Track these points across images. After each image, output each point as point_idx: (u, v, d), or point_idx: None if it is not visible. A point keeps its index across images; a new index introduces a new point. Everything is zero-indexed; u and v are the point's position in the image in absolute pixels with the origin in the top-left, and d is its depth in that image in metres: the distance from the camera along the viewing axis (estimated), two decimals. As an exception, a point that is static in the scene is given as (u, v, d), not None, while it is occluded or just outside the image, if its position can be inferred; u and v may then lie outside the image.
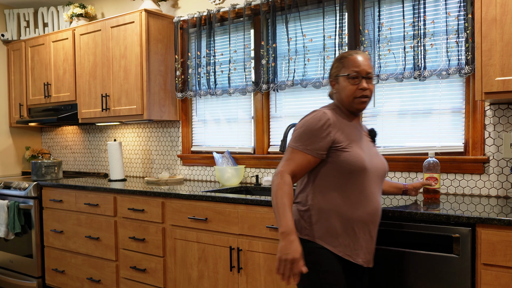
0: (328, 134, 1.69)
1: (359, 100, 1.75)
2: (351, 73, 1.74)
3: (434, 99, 2.57)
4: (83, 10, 4.03)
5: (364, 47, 2.68)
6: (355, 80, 1.74)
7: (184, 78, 3.53)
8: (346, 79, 1.76)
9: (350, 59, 1.76)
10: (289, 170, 1.69)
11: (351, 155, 1.69)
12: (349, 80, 1.75)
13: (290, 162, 1.70)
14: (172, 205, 2.80)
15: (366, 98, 1.76)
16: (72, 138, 4.54)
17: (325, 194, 1.72)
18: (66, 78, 3.94)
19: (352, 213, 1.70)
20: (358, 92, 1.74)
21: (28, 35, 4.46)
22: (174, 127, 3.72)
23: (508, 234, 1.74)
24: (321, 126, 1.69)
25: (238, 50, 3.26)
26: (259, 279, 2.43)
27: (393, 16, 2.64)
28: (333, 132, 1.69)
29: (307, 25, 2.96)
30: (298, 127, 1.75)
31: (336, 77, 1.81)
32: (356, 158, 1.69)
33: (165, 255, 2.88)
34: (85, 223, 3.33)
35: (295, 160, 1.70)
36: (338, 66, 1.80)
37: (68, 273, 3.49)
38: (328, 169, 1.71)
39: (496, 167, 2.37)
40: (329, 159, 1.71)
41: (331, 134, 1.69)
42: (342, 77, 1.77)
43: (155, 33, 3.43)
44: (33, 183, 3.66)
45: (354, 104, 1.76)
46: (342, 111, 1.80)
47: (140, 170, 3.98)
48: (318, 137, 1.69)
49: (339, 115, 1.77)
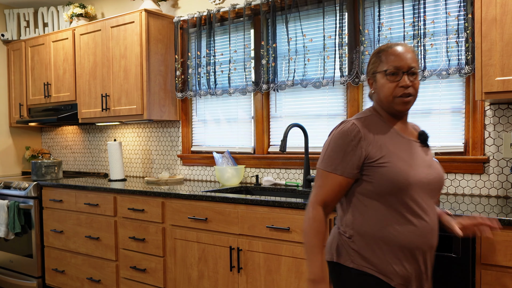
0: (358, 149, 1.45)
1: (401, 100, 1.48)
2: (389, 68, 1.48)
3: (434, 99, 2.57)
4: (83, 10, 4.03)
5: (364, 47, 2.68)
6: (394, 77, 1.48)
7: (184, 78, 3.53)
8: (384, 75, 1.50)
9: (389, 52, 1.50)
10: (320, 199, 1.50)
11: (390, 170, 1.43)
12: (388, 77, 1.49)
13: (320, 190, 1.51)
14: (172, 205, 2.80)
15: (409, 97, 1.48)
16: (72, 138, 4.54)
17: (365, 217, 1.48)
18: (66, 78, 3.94)
19: (398, 237, 1.44)
20: (398, 91, 1.47)
21: (28, 35, 4.46)
22: (174, 127, 3.72)
23: (508, 234, 1.74)
24: (349, 141, 1.46)
25: (238, 50, 3.26)
26: (259, 279, 2.43)
27: (393, 16, 2.64)
28: (364, 146, 1.46)
29: (307, 25, 2.96)
30: (325, 144, 1.54)
31: (374, 74, 1.55)
32: (396, 173, 1.43)
33: (165, 255, 2.88)
34: (85, 223, 3.33)
35: (325, 186, 1.50)
36: (375, 61, 1.55)
37: (68, 273, 3.49)
38: (365, 188, 1.48)
39: (496, 167, 2.37)
40: (364, 177, 1.47)
41: (363, 149, 1.45)
42: (380, 73, 1.51)
43: (155, 33, 3.43)
44: (33, 183, 3.66)
45: (394, 105, 1.50)
46: (381, 115, 1.55)
47: (140, 170, 3.98)
48: (347, 154, 1.46)
49: (375, 123, 1.52)
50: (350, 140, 1.46)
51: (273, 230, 2.36)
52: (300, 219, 2.26)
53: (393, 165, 1.43)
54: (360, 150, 1.45)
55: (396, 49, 1.50)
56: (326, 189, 1.50)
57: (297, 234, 2.27)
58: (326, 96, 2.96)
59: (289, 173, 3.09)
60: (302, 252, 2.26)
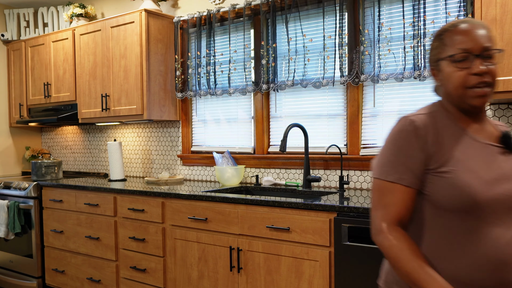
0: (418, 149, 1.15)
1: (474, 92, 1.15)
2: (457, 52, 1.16)
3: (434, 99, 2.57)
4: (83, 10, 4.03)
5: (364, 47, 2.68)
6: (464, 63, 1.15)
7: (184, 78, 3.53)
8: (451, 62, 1.18)
9: (455, 31, 1.18)
10: (392, 218, 1.15)
11: (452, 182, 1.11)
12: (456, 63, 1.16)
13: (387, 207, 1.16)
14: (172, 205, 2.80)
15: (486, 87, 1.15)
16: (72, 138, 4.54)
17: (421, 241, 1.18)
18: (66, 78, 3.94)
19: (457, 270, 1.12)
20: (471, 79, 1.15)
21: (28, 35, 4.46)
22: (174, 127, 3.72)
23: (508, 234, 1.74)
24: (408, 141, 1.16)
25: (238, 50, 3.26)
26: (259, 279, 2.43)
27: (393, 16, 2.64)
28: (426, 146, 1.15)
29: (307, 25, 2.96)
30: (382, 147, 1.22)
31: (437, 62, 1.22)
32: (460, 187, 1.10)
33: (165, 255, 2.88)
34: (85, 223, 3.33)
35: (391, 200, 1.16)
36: (438, 46, 1.22)
37: (68, 273, 3.49)
38: (421, 203, 1.18)
39: (496, 167, 2.37)
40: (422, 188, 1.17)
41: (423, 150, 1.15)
42: (445, 61, 1.19)
43: (155, 33, 3.43)
44: (33, 183, 3.66)
45: (466, 99, 1.17)
46: (449, 111, 1.23)
47: (140, 170, 3.98)
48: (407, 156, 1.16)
49: (442, 120, 1.20)
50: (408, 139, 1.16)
51: (273, 230, 2.36)
52: (300, 219, 2.26)
53: (457, 174, 1.11)
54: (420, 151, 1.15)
55: (463, 27, 1.17)
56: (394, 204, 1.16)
57: (297, 234, 2.27)
58: (326, 96, 2.96)
59: (289, 173, 3.09)
60: (302, 252, 2.26)
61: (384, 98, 2.73)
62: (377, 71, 2.63)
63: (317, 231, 2.20)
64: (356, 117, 2.81)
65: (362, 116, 2.82)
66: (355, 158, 2.78)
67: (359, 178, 2.79)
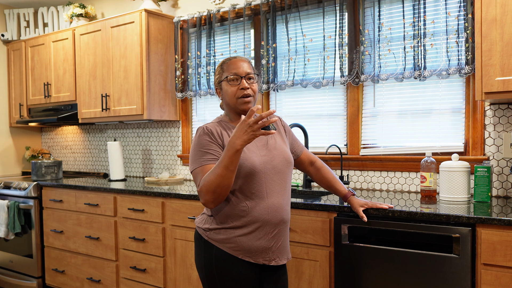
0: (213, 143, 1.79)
1: (242, 100, 1.76)
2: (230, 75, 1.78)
3: (434, 99, 2.57)
4: (83, 10, 4.03)
5: (364, 47, 2.68)
6: (235, 82, 1.77)
7: (184, 78, 3.53)
8: (227, 82, 1.79)
9: (229, 63, 1.80)
10: None
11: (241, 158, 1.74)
12: (230, 82, 1.78)
13: None
14: (172, 205, 2.80)
15: (248, 97, 1.76)
16: (72, 138, 4.54)
17: None
18: (66, 78, 3.94)
19: None
20: (239, 92, 1.76)
21: (28, 35, 4.46)
22: (174, 127, 3.72)
23: (508, 234, 1.74)
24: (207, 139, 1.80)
25: (238, 50, 3.26)
26: (259, 279, 2.42)
27: (393, 16, 2.64)
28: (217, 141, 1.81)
29: (307, 25, 2.96)
30: None
31: (219, 83, 1.83)
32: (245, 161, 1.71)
33: (165, 255, 2.88)
34: (85, 223, 3.33)
35: None
36: (219, 72, 1.84)
37: (68, 273, 3.49)
38: None
39: (496, 167, 2.37)
40: None
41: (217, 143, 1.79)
42: (224, 81, 1.80)
43: (155, 33, 3.43)
44: (33, 183, 3.66)
45: (238, 105, 1.77)
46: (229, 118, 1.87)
47: (140, 170, 3.98)
48: None
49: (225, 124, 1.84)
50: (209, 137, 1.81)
51: (273, 230, 2.36)
52: (300, 219, 2.26)
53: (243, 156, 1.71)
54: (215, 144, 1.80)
55: (233, 60, 1.80)
56: None
57: (297, 234, 2.27)
58: (326, 96, 2.96)
59: (289, 173, 3.08)
60: (302, 252, 2.26)
61: (384, 98, 2.73)
62: (377, 71, 2.63)
63: (317, 231, 2.20)
64: (356, 117, 2.81)
65: (362, 116, 2.82)
66: (355, 158, 2.78)
67: (359, 178, 2.79)
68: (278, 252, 1.77)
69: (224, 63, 1.80)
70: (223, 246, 1.71)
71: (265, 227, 1.72)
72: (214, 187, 1.58)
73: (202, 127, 1.74)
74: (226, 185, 1.59)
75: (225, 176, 1.57)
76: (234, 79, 1.74)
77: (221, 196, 1.61)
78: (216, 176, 1.57)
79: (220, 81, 1.80)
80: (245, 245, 1.70)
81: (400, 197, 2.37)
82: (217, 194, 1.60)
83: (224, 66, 1.79)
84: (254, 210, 1.70)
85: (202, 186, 1.61)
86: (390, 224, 1.98)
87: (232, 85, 1.74)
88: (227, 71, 1.77)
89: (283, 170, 1.79)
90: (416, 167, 2.59)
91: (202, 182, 1.62)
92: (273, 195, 1.74)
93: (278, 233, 1.76)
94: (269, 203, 1.72)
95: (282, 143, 1.85)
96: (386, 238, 2.00)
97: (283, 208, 1.77)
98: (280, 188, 1.77)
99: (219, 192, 1.59)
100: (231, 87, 1.75)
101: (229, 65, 1.78)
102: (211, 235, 1.74)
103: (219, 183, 1.57)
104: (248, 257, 1.71)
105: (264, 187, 1.72)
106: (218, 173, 1.57)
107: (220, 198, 1.62)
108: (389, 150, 2.71)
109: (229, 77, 1.75)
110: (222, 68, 1.80)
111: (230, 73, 1.75)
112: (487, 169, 2.15)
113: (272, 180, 1.74)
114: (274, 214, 1.73)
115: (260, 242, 1.71)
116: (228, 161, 1.55)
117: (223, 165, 1.55)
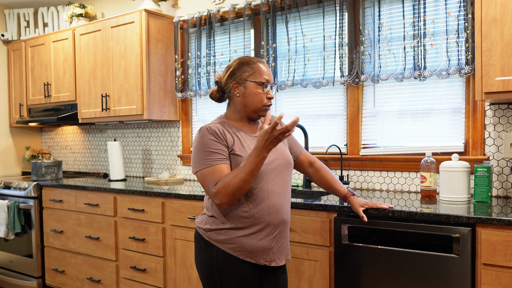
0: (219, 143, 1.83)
1: (266, 108, 1.82)
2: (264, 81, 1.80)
3: (434, 99, 2.57)
4: (83, 10, 4.03)
5: (364, 47, 2.68)
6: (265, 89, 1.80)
7: (184, 78, 3.53)
8: (257, 85, 1.80)
9: (259, 67, 1.80)
10: None
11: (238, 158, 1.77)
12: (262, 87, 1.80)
13: None
14: (172, 205, 2.80)
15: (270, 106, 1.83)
16: (72, 138, 4.54)
17: None
18: (66, 78, 3.94)
19: None
20: (267, 101, 1.82)
21: (28, 35, 4.46)
22: (174, 127, 3.72)
23: (508, 234, 1.74)
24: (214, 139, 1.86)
25: (238, 50, 3.26)
26: (259, 279, 2.42)
27: (393, 16, 2.64)
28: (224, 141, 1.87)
29: (307, 25, 2.96)
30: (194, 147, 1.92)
31: (245, 81, 1.80)
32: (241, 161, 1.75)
33: (165, 255, 2.88)
34: (85, 223, 3.33)
35: None
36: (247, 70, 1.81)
37: (68, 273, 3.49)
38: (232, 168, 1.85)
39: (496, 167, 2.37)
40: None
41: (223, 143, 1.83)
42: (253, 82, 1.79)
43: (155, 33, 3.43)
44: (33, 183, 3.66)
45: (259, 112, 1.82)
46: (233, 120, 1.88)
47: (140, 170, 3.98)
48: None
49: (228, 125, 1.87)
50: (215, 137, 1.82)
51: (273, 230, 2.36)
52: (300, 219, 2.26)
53: (239, 155, 1.75)
54: None
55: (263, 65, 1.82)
56: None
57: (297, 234, 2.27)
58: (326, 96, 2.96)
59: (289, 173, 3.08)
60: (302, 252, 2.26)
61: (384, 98, 2.73)
62: (377, 71, 2.63)
63: (317, 231, 2.20)
64: (356, 117, 2.81)
65: (362, 116, 2.82)
66: (355, 158, 2.78)
67: (359, 178, 2.79)
68: (278, 252, 1.77)
69: (253, 63, 1.77)
70: (224, 247, 1.71)
71: (267, 228, 1.72)
72: (235, 190, 1.61)
73: (205, 127, 1.72)
74: (246, 189, 1.63)
75: (248, 181, 1.61)
76: (265, 86, 1.76)
77: (237, 198, 1.64)
78: (239, 181, 1.60)
79: (246, 80, 1.76)
80: (247, 246, 1.70)
81: (400, 197, 2.37)
82: (235, 197, 1.63)
83: (254, 67, 1.76)
84: (255, 211, 1.70)
85: (221, 188, 1.62)
86: (390, 224, 1.98)
87: (261, 90, 1.75)
88: (258, 74, 1.75)
89: (284, 171, 1.79)
90: (416, 167, 2.59)
91: (220, 184, 1.62)
92: (274, 196, 1.74)
93: (279, 233, 1.76)
94: (270, 204, 1.73)
95: (282, 144, 1.86)
96: (386, 238, 2.00)
97: (284, 209, 1.77)
98: (281, 189, 1.77)
99: (238, 195, 1.63)
100: (260, 92, 1.75)
101: (260, 68, 1.76)
102: (212, 235, 1.74)
103: (240, 187, 1.61)
104: (249, 257, 1.71)
105: (265, 188, 1.72)
106: (241, 177, 1.60)
107: (235, 200, 1.65)
108: (389, 150, 2.71)
109: (260, 82, 1.75)
110: (252, 67, 1.76)
111: (263, 78, 1.75)
112: (487, 169, 2.15)
113: (273, 181, 1.74)
114: (275, 215, 1.74)
115: (261, 243, 1.71)
116: (254, 167, 1.59)
117: (248, 171, 1.59)
